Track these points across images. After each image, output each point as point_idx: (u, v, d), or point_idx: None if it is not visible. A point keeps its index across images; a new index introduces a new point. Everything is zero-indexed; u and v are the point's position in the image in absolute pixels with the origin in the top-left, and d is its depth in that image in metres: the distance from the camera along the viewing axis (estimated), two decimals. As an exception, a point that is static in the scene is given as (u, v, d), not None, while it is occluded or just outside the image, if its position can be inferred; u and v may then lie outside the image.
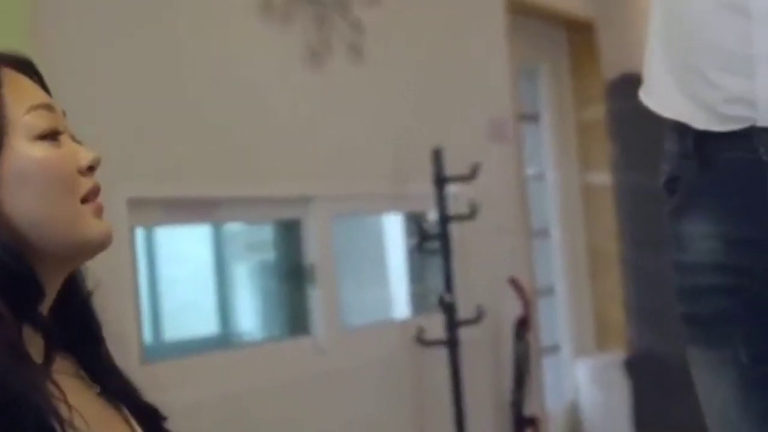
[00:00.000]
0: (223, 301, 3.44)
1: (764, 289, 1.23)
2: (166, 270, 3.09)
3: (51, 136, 1.08)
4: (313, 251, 3.28)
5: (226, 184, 2.95)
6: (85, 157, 1.10)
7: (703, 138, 1.26)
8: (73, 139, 1.14)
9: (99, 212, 1.10)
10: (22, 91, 1.09)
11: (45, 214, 1.05)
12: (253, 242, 3.63)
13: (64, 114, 1.14)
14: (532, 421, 4.03)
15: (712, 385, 1.30)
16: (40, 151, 1.06)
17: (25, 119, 1.07)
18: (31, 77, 1.15)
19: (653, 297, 5.09)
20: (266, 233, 3.54)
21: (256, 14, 3.09)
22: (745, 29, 1.18)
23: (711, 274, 1.27)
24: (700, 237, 1.28)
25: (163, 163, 2.76)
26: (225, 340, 3.39)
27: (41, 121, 1.08)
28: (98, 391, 1.13)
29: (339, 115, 3.37)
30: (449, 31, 4.01)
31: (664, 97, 1.31)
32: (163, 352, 3.04)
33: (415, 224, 3.72)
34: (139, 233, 2.88)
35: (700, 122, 1.25)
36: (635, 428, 5.19)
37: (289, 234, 3.39)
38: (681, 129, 1.29)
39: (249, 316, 3.59)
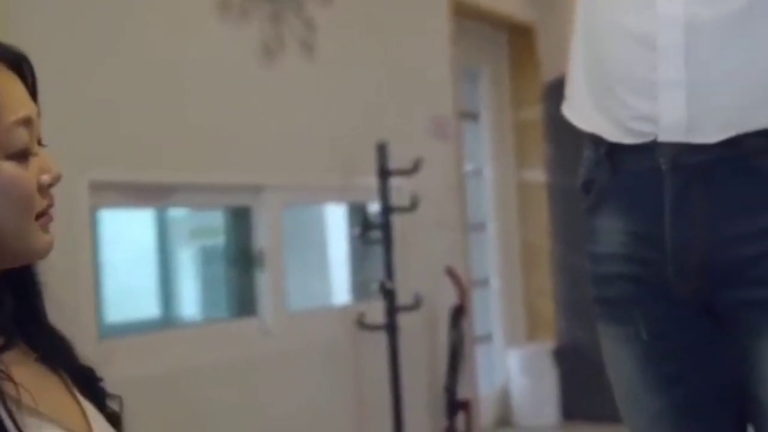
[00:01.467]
0: (171, 284, 3.59)
1: (660, 277, 1.43)
2: (112, 253, 3.20)
3: (22, 154, 1.11)
4: (262, 237, 3.44)
5: (183, 171, 3.10)
6: (48, 174, 1.14)
7: (614, 148, 1.46)
8: (38, 142, 1.17)
9: (46, 226, 1.15)
10: (9, 99, 1.11)
11: (1, 227, 1.10)
12: (202, 228, 3.78)
13: (39, 115, 1.17)
14: (465, 405, 4.23)
15: (618, 357, 1.51)
16: (8, 171, 1.10)
17: (4, 137, 1.09)
18: (21, 74, 1.16)
19: (582, 291, 5.29)
20: (215, 219, 3.68)
21: (214, 11, 3.24)
22: (651, 59, 1.38)
23: (618, 264, 1.48)
24: (610, 232, 1.48)
25: (124, 149, 2.90)
26: (172, 320, 3.53)
27: (16, 141, 1.10)
28: (36, 357, 1.18)
29: (291, 108, 3.54)
30: (396, 31, 4.19)
31: (582, 112, 1.51)
32: (110, 333, 3.15)
33: (359, 214, 3.90)
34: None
35: (612, 135, 1.45)
36: (562, 414, 5.41)
37: (238, 220, 3.54)
38: (596, 140, 1.49)
39: (198, 298, 3.75)
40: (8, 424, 1.03)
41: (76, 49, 2.76)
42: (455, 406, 4.19)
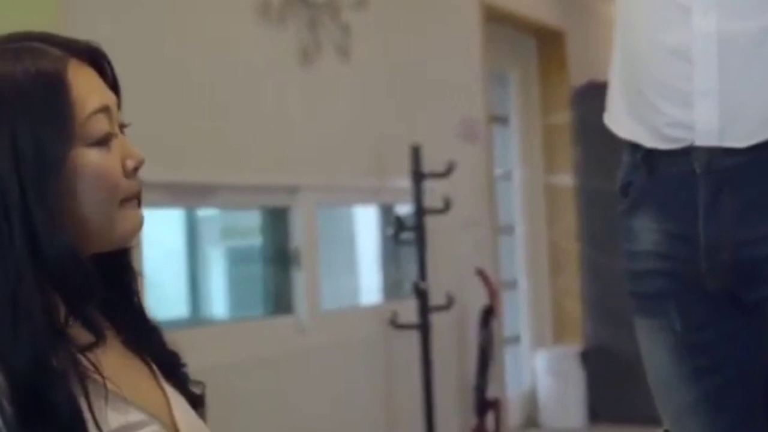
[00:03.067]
0: (203, 284, 3.66)
1: (693, 272, 1.52)
2: (144, 253, 3.26)
3: (104, 141, 1.14)
4: (298, 237, 3.52)
5: (223, 171, 3.18)
6: (132, 159, 1.17)
7: (650, 153, 1.56)
8: (121, 126, 1.22)
9: (136, 206, 1.18)
10: (85, 92, 1.15)
11: (89, 214, 1.13)
12: (232, 228, 3.86)
13: (119, 106, 1.21)
14: (495, 404, 4.29)
15: (653, 348, 1.60)
16: (93, 159, 1.13)
17: (84, 128, 1.13)
18: (98, 66, 1.20)
19: (609, 293, 5.35)
20: (245, 219, 3.76)
21: (254, 16, 3.32)
22: (686, 71, 1.48)
23: (653, 260, 1.57)
24: (646, 231, 1.58)
25: (168, 150, 2.97)
26: (203, 320, 3.60)
27: (98, 128, 1.14)
28: (122, 340, 1.22)
29: (327, 111, 3.62)
30: (428, 36, 4.27)
31: (620, 121, 1.62)
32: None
33: (393, 216, 3.97)
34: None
35: (649, 142, 1.55)
36: (588, 416, 5.46)
37: (274, 220, 3.62)
38: (634, 146, 1.59)
39: (230, 297, 3.83)
40: (88, 417, 1.07)
41: (118, 50, 2.83)
42: (485, 405, 4.25)
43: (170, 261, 3.56)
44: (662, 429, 1.63)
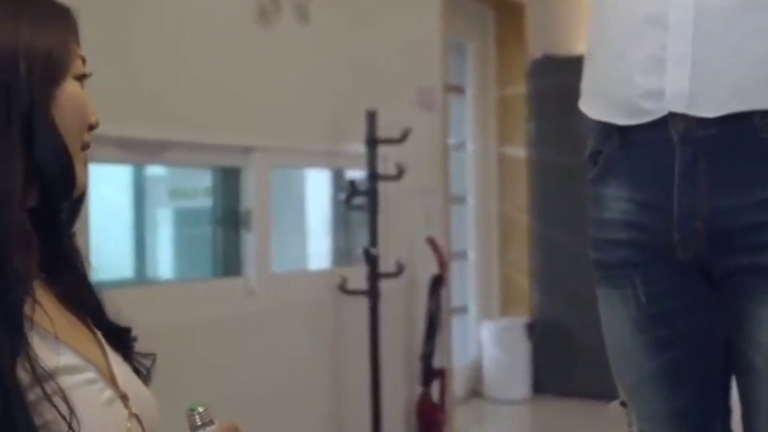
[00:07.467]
0: (149, 244, 3.62)
1: (663, 242, 1.51)
2: (102, 210, 3.22)
3: (82, 78, 1.23)
4: (250, 198, 3.48)
5: (176, 128, 3.13)
6: (94, 115, 1.23)
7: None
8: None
9: (87, 162, 1.24)
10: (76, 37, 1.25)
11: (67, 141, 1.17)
12: (180, 189, 3.81)
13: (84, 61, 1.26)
14: (440, 373, 4.31)
15: (614, 318, 1.59)
16: (79, 90, 1.21)
17: (77, 62, 1.22)
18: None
19: (557, 267, 5.40)
20: (194, 179, 3.71)
21: (213, -29, 3.27)
22: (661, 38, 1.47)
23: (621, 229, 1.56)
24: (615, 199, 1.57)
25: (119, 105, 2.92)
26: (149, 280, 3.56)
27: (81, 66, 1.23)
28: (56, 294, 1.21)
29: (283, 72, 3.57)
30: (389, 2, 4.23)
31: (593, 102, 1.61)
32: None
33: (346, 181, 3.94)
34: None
35: (621, 119, 1.54)
36: (533, 388, 5.51)
37: (226, 181, 3.58)
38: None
39: (177, 258, 3.79)
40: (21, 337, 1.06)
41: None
42: (431, 373, 4.26)
43: (116, 219, 3.51)
44: (618, 400, 1.63)
